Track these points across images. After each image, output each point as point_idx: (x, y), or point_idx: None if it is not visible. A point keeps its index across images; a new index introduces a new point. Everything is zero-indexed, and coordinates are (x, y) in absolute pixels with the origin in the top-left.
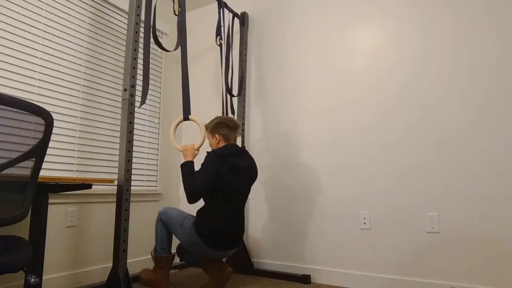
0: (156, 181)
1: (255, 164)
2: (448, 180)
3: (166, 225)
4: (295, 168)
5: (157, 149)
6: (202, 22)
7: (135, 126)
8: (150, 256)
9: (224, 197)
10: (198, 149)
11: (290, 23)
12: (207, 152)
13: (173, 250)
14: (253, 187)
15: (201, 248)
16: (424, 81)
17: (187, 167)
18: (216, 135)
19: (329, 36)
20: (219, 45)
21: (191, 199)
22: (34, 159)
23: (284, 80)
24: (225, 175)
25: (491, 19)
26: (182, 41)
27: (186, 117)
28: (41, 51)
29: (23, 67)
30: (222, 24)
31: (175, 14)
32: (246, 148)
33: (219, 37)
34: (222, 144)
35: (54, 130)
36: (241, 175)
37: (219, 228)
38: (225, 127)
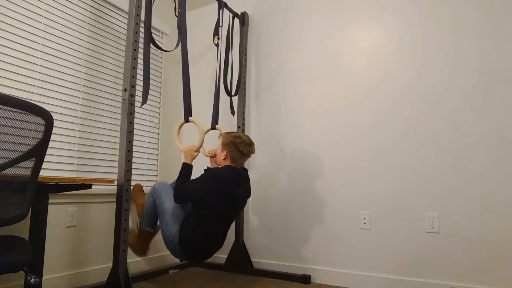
0: (156, 181)
1: (250, 189)
2: (448, 180)
3: (155, 206)
4: (294, 168)
5: (157, 149)
6: (202, 22)
7: (135, 126)
8: (136, 224)
9: (214, 217)
10: (197, 151)
11: (290, 23)
12: (207, 167)
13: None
14: (252, 188)
15: (178, 254)
16: (425, 82)
17: (182, 169)
18: (225, 152)
19: (330, 36)
20: (216, 45)
21: (176, 200)
22: (34, 159)
23: (284, 80)
24: (218, 200)
25: (491, 19)
26: (182, 42)
27: (186, 119)
28: (41, 51)
29: (23, 67)
30: (221, 24)
31: (176, 16)
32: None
33: (216, 36)
34: (227, 163)
35: (54, 130)
36: (235, 202)
37: (202, 244)
38: (237, 150)
